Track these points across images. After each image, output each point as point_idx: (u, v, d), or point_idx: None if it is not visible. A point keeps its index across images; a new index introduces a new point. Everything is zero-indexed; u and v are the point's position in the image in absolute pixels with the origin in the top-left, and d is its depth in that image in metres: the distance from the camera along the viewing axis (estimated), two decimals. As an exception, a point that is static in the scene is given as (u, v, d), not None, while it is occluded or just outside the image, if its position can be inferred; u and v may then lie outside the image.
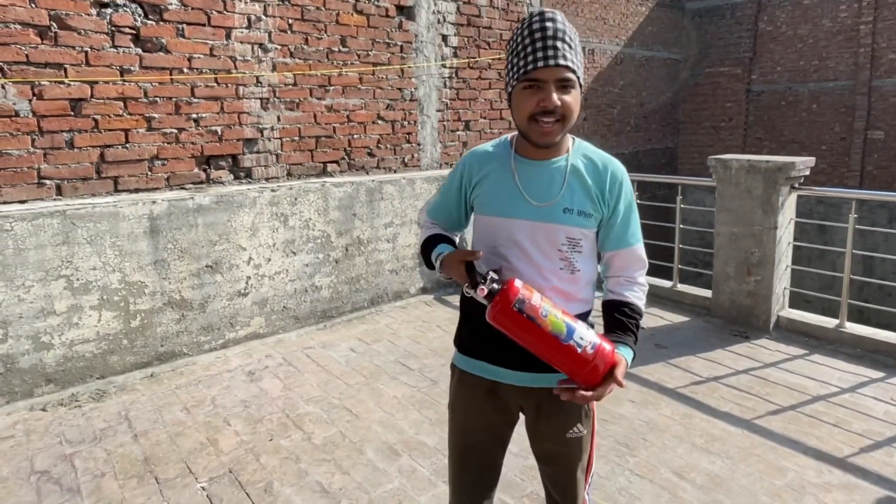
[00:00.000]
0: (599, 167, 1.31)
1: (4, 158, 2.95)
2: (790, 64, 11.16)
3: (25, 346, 2.92)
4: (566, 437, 1.38)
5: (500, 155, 1.35)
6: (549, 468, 1.47)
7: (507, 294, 1.15)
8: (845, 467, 2.37)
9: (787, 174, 3.64)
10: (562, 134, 1.25)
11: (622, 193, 1.33)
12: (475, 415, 1.42)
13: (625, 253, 1.37)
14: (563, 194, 1.28)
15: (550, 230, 1.28)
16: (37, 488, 2.28)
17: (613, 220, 1.33)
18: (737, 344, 3.64)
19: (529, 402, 1.38)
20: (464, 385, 1.43)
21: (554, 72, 1.18)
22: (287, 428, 2.72)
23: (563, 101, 1.19)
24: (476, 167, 1.37)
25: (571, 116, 1.22)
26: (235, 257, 3.62)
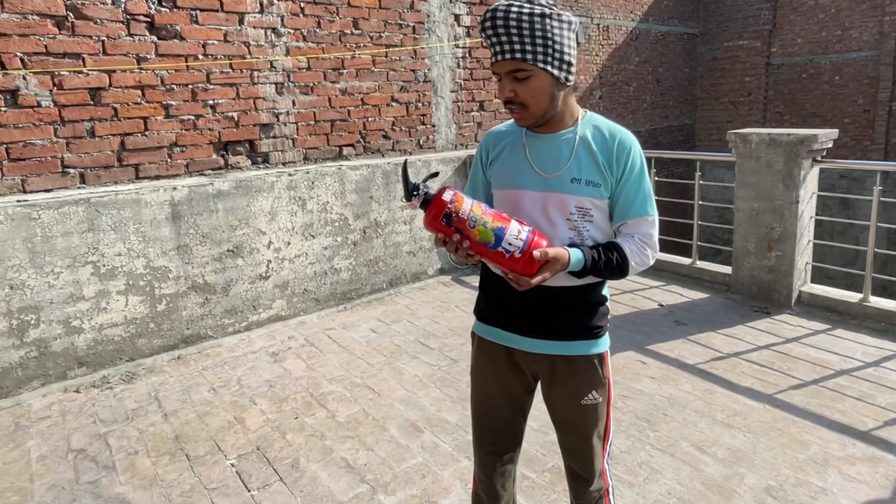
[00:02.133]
0: (607, 136, 1.33)
1: (29, 148, 3.01)
2: (811, 35, 10.83)
3: (57, 330, 3.01)
4: (581, 403, 1.40)
5: (513, 132, 1.41)
6: (565, 436, 1.49)
7: (434, 206, 1.21)
8: (869, 440, 2.36)
9: (809, 147, 3.57)
10: (535, 118, 1.29)
11: (629, 162, 1.32)
12: (493, 380, 1.47)
13: (633, 223, 1.35)
14: (570, 165, 1.31)
15: (559, 200, 1.31)
16: (74, 465, 2.37)
17: (621, 190, 1.34)
18: (757, 320, 3.61)
19: (543, 369, 1.41)
20: (482, 351, 1.48)
21: (503, 65, 1.24)
22: (311, 406, 2.78)
23: (517, 90, 1.24)
24: (492, 145, 1.44)
25: (532, 103, 1.26)
26: (256, 241, 3.67)
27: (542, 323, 1.36)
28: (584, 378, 1.40)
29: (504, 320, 1.41)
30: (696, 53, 12.11)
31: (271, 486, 2.21)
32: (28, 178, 3.02)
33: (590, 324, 1.39)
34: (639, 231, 1.35)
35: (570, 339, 1.38)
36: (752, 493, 2.08)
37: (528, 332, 1.38)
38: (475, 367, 1.51)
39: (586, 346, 1.40)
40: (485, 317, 1.47)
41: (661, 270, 4.58)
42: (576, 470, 1.49)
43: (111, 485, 2.24)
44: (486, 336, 1.46)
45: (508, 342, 1.42)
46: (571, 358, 1.39)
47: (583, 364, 1.40)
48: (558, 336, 1.37)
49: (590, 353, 1.40)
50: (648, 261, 1.38)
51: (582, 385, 1.40)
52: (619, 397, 2.76)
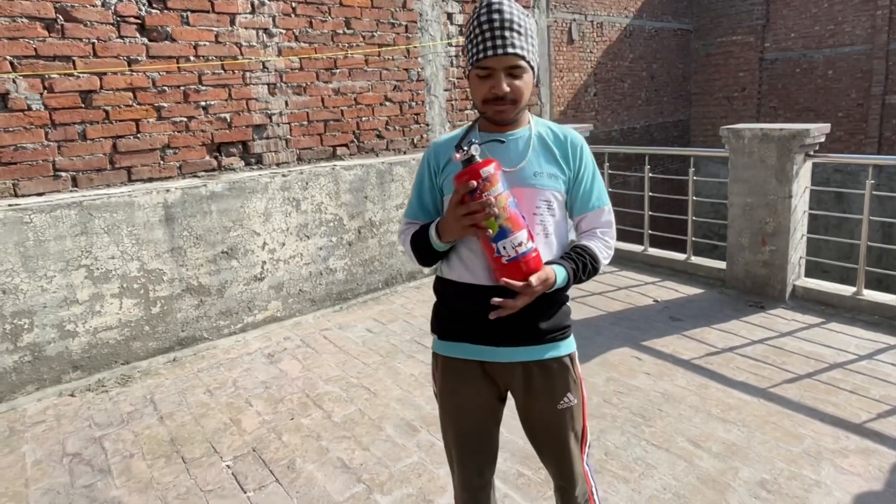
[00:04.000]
0: (560, 135, 1.38)
1: (20, 152, 3.00)
2: (804, 30, 10.86)
3: (51, 334, 3.00)
4: (557, 408, 1.39)
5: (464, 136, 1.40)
6: (542, 444, 1.46)
7: (468, 172, 1.20)
8: (862, 433, 2.37)
9: (802, 142, 3.58)
10: (517, 111, 1.30)
11: (583, 158, 1.38)
12: (466, 399, 1.41)
13: (592, 215, 1.41)
14: (529, 158, 1.33)
15: (525, 194, 1.30)
16: (69, 469, 2.37)
17: (578, 184, 1.38)
18: (752, 314, 3.63)
19: (516, 379, 1.38)
20: (451, 371, 1.41)
21: (502, 60, 1.23)
22: (307, 407, 2.78)
23: (512, 86, 1.25)
24: (442, 152, 1.39)
25: (522, 98, 1.29)
26: (250, 242, 3.67)
27: (513, 330, 1.33)
28: (558, 381, 1.39)
29: (472, 333, 1.35)
30: (689, 49, 12.13)
31: (267, 488, 2.21)
32: (19, 181, 3.01)
33: (558, 324, 1.39)
34: (599, 223, 1.41)
35: (542, 342, 1.36)
36: (746, 486, 2.09)
37: (500, 341, 1.34)
38: (445, 388, 1.44)
39: (557, 347, 1.39)
40: (448, 333, 1.40)
41: (655, 266, 4.60)
42: (558, 477, 1.47)
43: (107, 488, 2.24)
44: (453, 354, 1.40)
45: (480, 356, 1.36)
46: (545, 362, 1.37)
47: (556, 367, 1.39)
48: (531, 341, 1.35)
49: (561, 355, 1.39)
50: (611, 252, 1.43)
51: (557, 389, 1.39)
52: (614, 393, 2.77)
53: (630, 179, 9.11)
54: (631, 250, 4.82)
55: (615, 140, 10.41)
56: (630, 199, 9.12)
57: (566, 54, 9.50)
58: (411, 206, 1.46)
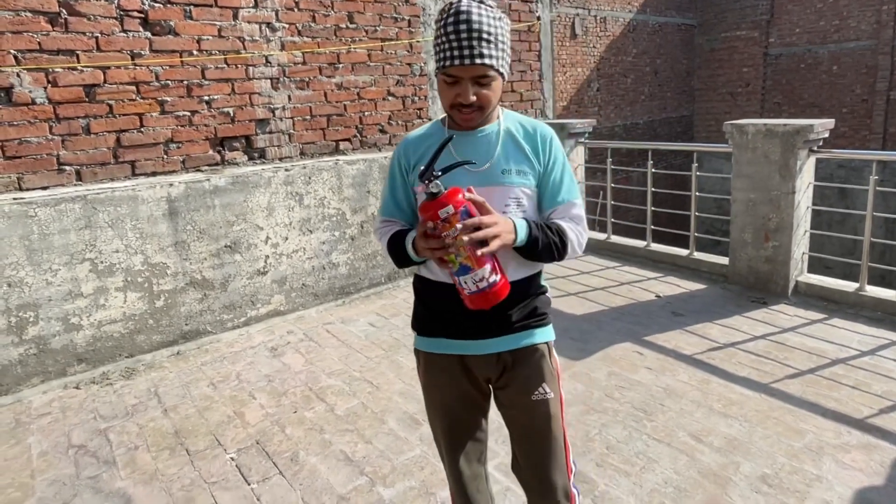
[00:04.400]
0: (529, 129, 1.36)
1: (24, 146, 3.01)
2: (809, 25, 10.80)
3: (56, 327, 3.02)
4: (531, 400, 1.37)
5: (434, 133, 1.38)
6: (518, 444, 1.44)
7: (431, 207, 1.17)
8: (864, 428, 2.38)
9: (806, 137, 3.57)
10: (484, 116, 1.29)
11: (553, 151, 1.36)
12: (450, 393, 1.42)
13: (561, 209, 1.37)
14: (498, 156, 1.31)
15: (494, 193, 1.29)
16: (75, 461, 2.39)
17: (548, 178, 1.36)
18: (754, 310, 3.62)
19: (494, 370, 1.38)
20: (432, 366, 1.43)
21: (469, 70, 1.21)
22: (310, 400, 2.80)
23: (479, 94, 1.24)
24: (411, 150, 1.38)
25: (490, 105, 1.27)
26: (253, 237, 3.68)
27: (489, 322, 1.33)
28: (532, 370, 1.37)
29: (450, 328, 1.37)
30: (693, 44, 12.07)
31: (271, 480, 2.22)
32: (24, 175, 3.02)
33: (534, 311, 1.39)
34: (570, 214, 1.37)
35: (517, 330, 1.36)
36: (747, 481, 2.10)
37: (477, 334, 1.35)
38: (429, 383, 1.46)
39: (531, 334, 1.39)
40: (428, 329, 1.42)
41: (658, 262, 4.59)
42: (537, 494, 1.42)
43: (112, 480, 2.26)
44: (434, 350, 1.41)
45: (459, 349, 1.38)
46: (519, 351, 1.37)
47: (530, 355, 1.38)
48: (506, 330, 1.35)
49: (536, 343, 1.39)
50: (583, 240, 1.39)
51: (530, 378, 1.37)
52: (615, 388, 2.78)
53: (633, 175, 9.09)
54: (633, 246, 4.81)
55: (618, 136, 10.38)
56: (633, 195, 9.10)
57: (569, 49, 9.46)
58: (386, 205, 1.44)
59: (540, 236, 1.29)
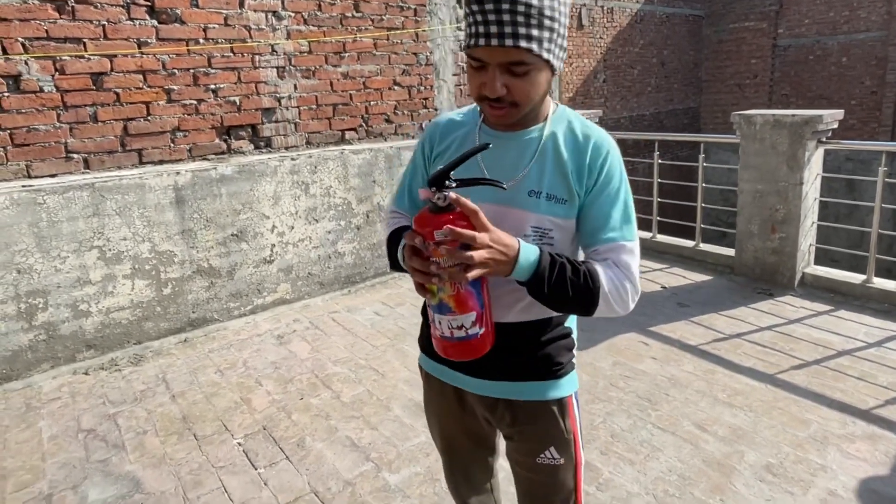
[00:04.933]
0: (579, 138, 1.03)
1: (33, 134, 3.02)
2: (819, 16, 10.68)
3: (65, 314, 3.05)
4: (536, 462, 1.14)
5: (467, 124, 1.11)
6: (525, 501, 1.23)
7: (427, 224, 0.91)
8: (869, 419, 2.38)
9: (814, 128, 3.55)
10: (521, 114, 0.99)
11: (606, 170, 1.02)
12: (448, 419, 1.26)
13: (605, 250, 1.02)
14: (529, 172, 1.01)
15: (508, 215, 1.00)
16: (85, 444, 2.42)
17: (592, 206, 1.02)
18: (760, 301, 3.62)
19: (497, 415, 1.17)
20: (432, 388, 1.27)
21: (498, 54, 0.90)
22: (316, 387, 2.82)
23: (512, 87, 0.93)
24: (438, 138, 1.14)
25: (527, 102, 0.96)
26: (259, 226, 3.69)
27: (493, 361, 1.07)
28: (538, 430, 1.13)
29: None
30: (701, 35, 11.96)
31: (278, 465, 2.25)
32: (32, 163, 3.04)
33: (547, 360, 1.11)
34: (615, 259, 1.02)
35: (521, 378, 1.11)
36: (752, 470, 2.10)
37: (474, 371, 1.12)
38: (428, 404, 1.31)
39: (541, 388, 1.12)
40: (429, 350, 1.20)
41: (663, 253, 4.59)
42: None
43: (121, 463, 2.29)
44: (432, 372, 1.23)
45: (453, 381, 1.18)
46: (523, 404, 1.12)
47: (537, 412, 1.13)
48: (507, 376, 1.11)
49: (546, 398, 1.12)
50: (627, 297, 1.01)
51: (535, 439, 1.13)
52: (620, 377, 2.79)
53: (639, 166, 9.06)
54: (639, 237, 4.80)
55: (624, 127, 10.33)
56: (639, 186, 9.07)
57: (576, 40, 9.40)
58: (399, 193, 1.23)
59: (550, 273, 0.95)
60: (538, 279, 0.95)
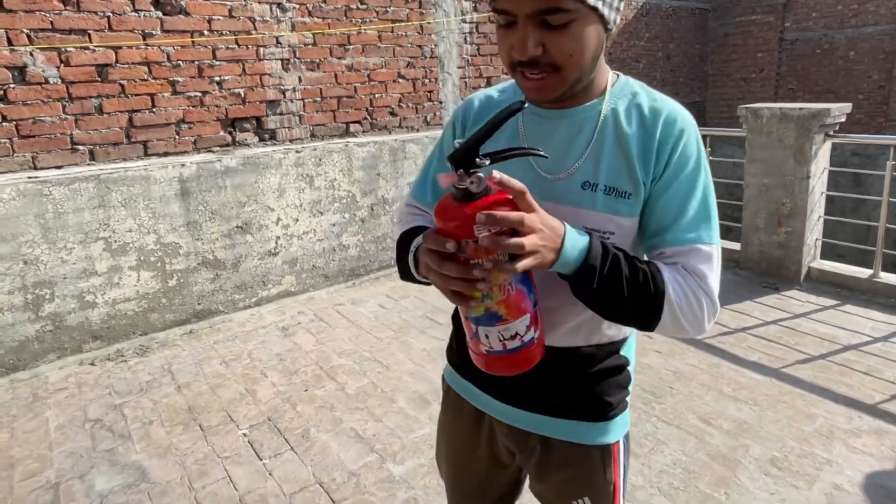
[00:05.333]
0: (646, 113, 0.82)
1: (38, 125, 3.02)
2: (826, 9, 10.59)
3: (71, 304, 3.06)
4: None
5: (507, 102, 0.86)
6: None
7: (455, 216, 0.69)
8: (876, 413, 2.37)
9: (822, 122, 3.52)
10: (569, 83, 0.77)
11: (680, 152, 0.80)
12: (462, 443, 1.08)
13: (675, 253, 0.81)
14: (585, 160, 0.81)
15: (560, 213, 0.77)
16: (91, 434, 2.44)
17: (660, 197, 0.81)
18: (766, 295, 3.61)
19: (521, 449, 0.99)
20: (449, 404, 1.10)
21: (523, 3, 0.71)
22: (321, 379, 2.83)
23: (547, 44, 0.72)
24: (472, 118, 0.94)
25: (569, 64, 0.74)
26: (264, 218, 3.69)
27: (528, 389, 0.92)
28: (574, 475, 0.95)
29: (480, 377, 0.96)
30: (707, 29, 11.87)
31: (283, 455, 2.26)
32: (38, 154, 3.04)
33: (596, 398, 0.92)
34: (688, 265, 0.80)
35: (562, 415, 0.93)
36: (756, 463, 2.10)
37: (507, 397, 0.95)
38: (442, 420, 1.13)
39: (585, 430, 0.93)
40: (455, 363, 1.06)
41: (669, 247, 4.57)
42: None
43: (127, 453, 2.30)
44: (454, 387, 1.07)
45: (478, 402, 1.01)
46: (559, 444, 0.95)
47: (578, 455, 0.94)
48: (546, 409, 0.93)
49: (592, 444, 0.93)
50: (701, 313, 0.80)
51: (566, 486, 0.96)
52: (625, 371, 2.78)
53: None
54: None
55: (629, 121, 10.27)
56: (643, 182, 9.02)
57: (581, 33, 9.34)
58: (420, 184, 1.03)
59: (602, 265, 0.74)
60: (587, 271, 0.73)
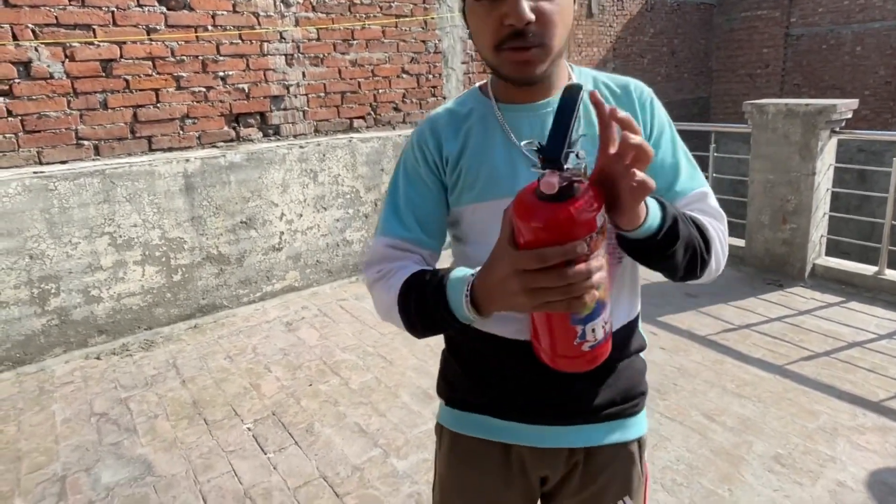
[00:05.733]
0: (616, 89, 0.88)
1: (43, 120, 3.03)
2: (833, 4, 10.51)
3: (77, 299, 3.08)
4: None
5: (476, 109, 0.88)
6: None
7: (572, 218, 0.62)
8: (880, 411, 2.37)
9: (828, 118, 3.50)
10: (550, 59, 0.77)
11: (656, 116, 0.87)
12: (480, 496, 0.94)
13: (689, 200, 0.86)
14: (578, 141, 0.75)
15: None
16: (97, 428, 2.45)
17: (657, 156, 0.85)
18: (770, 292, 3.60)
19: (560, 468, 0.91)
20: (461, 454, 0.95)
21: None
22: (325, 374, 2.84)
23: (539, 11, 0.73)
24: (445, 134, 0.87)
25: (556, 35, 0.76)
26: (268, 213, 3.70)
27: (568, 397, 0.86)
28: (613, 479, 0.92)
29: (498, 403, 0.89)
30: (712, 24, 11.81)
31: (287, 450, 2.27)
32: (43, 149, 3.05)
33: (629, 392, 0.90)
34: (705, 207, 0.86)
35: (604, 419, 0.89)
36: (760, 460, 2.10)
37: (543, 417, 0.88)
38: (449, 479, 0.98)
39: (623, 427, 0.91)
40: (463, 400, 0.94)
41: (673, 244, 4.56)
42: None
43: (133, 446, 2.32)
44: (469, 431, 0.93)
45: (509, 437, 0.90)
46: (602, 449, 0.90)
47: (616, 456, 0.92)
48: (589, 417, 0.88)
49: (628, 440, 0.92)
50: (726, 249, 0.85)
51: (609, 489, 0.92)
52: (629, 367, 2.79)
53: (648, 157, 8.97)
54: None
55: (633, 117, 10.23)
56: (647, 178, 9.00)
57: (585, 28, 9.30)
58: (395, 218, 0.89)
59: (682, 222, 0.74)
60: (671, 231, 0.71)
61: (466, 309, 0.73)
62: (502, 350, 0.86)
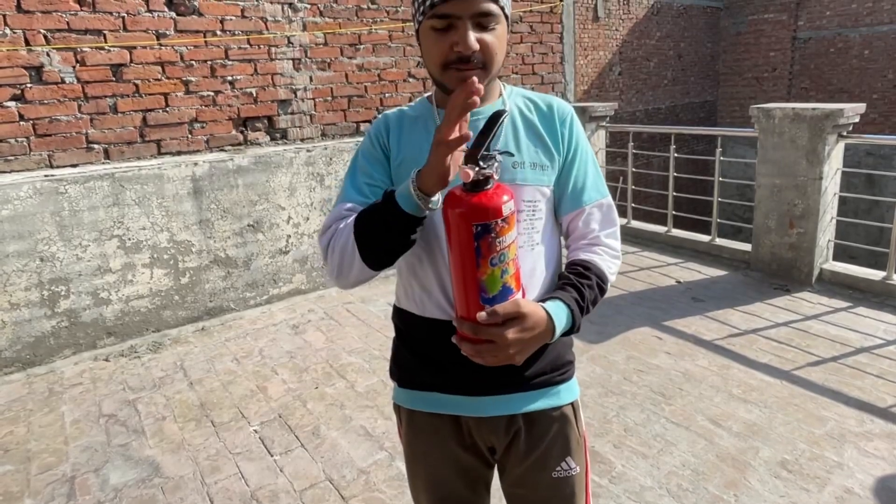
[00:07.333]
0: (542, 106, 1.05)
1: (54, 124, 3.07)
2: (840, 7, 10.46)
3: (86, 301, 3.11)
4: (552, 478, 1.05)
5: (422, 115, 1.05)
6: None
7: (483, 207, 0.83)
8: (888, 417, 2.35)
9: (835, 122, 3.49)
10: (488, 79, 0.95)
11: (575, 133, 1.05)
12: (442, 461, 1.09)
13: (589, 212, 1.05)
14: (508, 146, 0.99)
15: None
16: (106, 429, 2.47)
17: (570, 171, 1.04)
18: (777, 297, 3.58)
19: (503, 437, 1.05)
20: (417, 428, 1.10)
21: (469, 4, 0.88)
22: (331, 377, 2.85)
23: (482, 42, 0.90)
24: (394, 130, 1.05)
25: (495, 61, 0.93)
26: (275, 216, 3.72)
27: (495, 373, 0.98)
28: (554, 441, 1.05)
29: (445, 379, 1.03)
30: (719, 28, 11.78)
31: (293, 452, 2.28)
32: (54, 153, 3.09)
33: (556, 361, 1.05)
34: (599, 222, 1.05)
35: (536, 386, 1.03)
36: (766, 466, 2.10)
37: (480, 388, 1.01)
38: (412, 450, 1.13)
39: (555, 393, 1.05)
40: (412, 380, 1.08)
41: (679, 247, 4.55)
42: None
43: (141, 448, 2.34)
44: (420, 407, 1.07)
45: (456, 408, 1.04)
46: (537, 414, 1.04)
47: (552, 420, 1.05)
48: (518, 386, 1.02)
49: (561, 404, 1.06)
50: (619, 262, 1.07)
51: (552, 451, 1.05)
52: (634, 371, 2.78)
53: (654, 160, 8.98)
54: (654, 231, 4.77)
55: (639, 120, 10.23)
56: (654, 180, 8.99)
57: (591, 32, 9.31)
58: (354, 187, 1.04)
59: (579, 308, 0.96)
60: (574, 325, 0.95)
61: (413, 189, 0.87)
62: (441, 332, 0.97)
